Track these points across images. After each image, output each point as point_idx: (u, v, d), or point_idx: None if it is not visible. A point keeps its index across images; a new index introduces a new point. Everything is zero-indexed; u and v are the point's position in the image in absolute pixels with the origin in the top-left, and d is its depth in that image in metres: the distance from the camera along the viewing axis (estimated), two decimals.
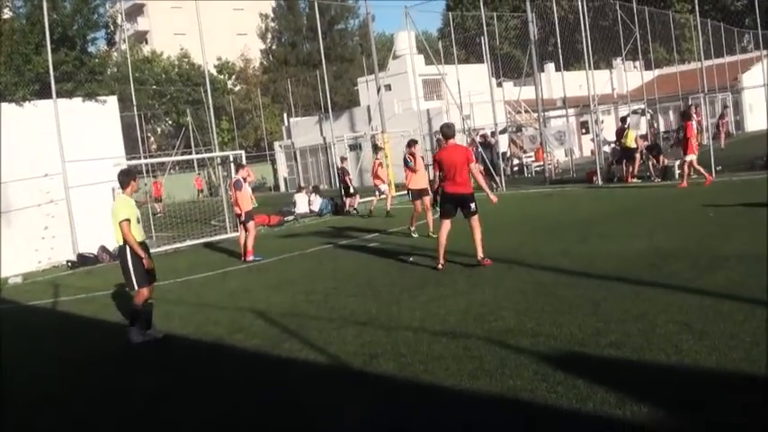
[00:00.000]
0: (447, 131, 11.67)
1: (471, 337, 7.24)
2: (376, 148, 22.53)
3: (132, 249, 8.87)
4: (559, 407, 5.23)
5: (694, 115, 25.65)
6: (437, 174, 11.57)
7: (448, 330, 7.61)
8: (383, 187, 22.33)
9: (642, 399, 5.10)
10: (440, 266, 11.35)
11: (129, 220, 8.87)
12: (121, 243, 8.93)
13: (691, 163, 19.33)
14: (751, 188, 16.53)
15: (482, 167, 28.86)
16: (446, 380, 6.10)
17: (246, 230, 15.48)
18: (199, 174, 44.90)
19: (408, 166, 16.33)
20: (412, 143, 16.96)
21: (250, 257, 15.26)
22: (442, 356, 6.74)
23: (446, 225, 11.44)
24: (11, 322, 12.30)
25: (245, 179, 15.83)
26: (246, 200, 15.55)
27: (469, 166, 11.40)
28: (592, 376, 5.67)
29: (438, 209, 12.33)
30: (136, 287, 8.96)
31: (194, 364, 7.94)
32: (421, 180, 16.26)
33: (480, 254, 11.13)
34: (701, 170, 19.31)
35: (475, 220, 11.24)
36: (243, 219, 15.55)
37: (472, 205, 11.30)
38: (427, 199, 15.90)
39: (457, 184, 11.28)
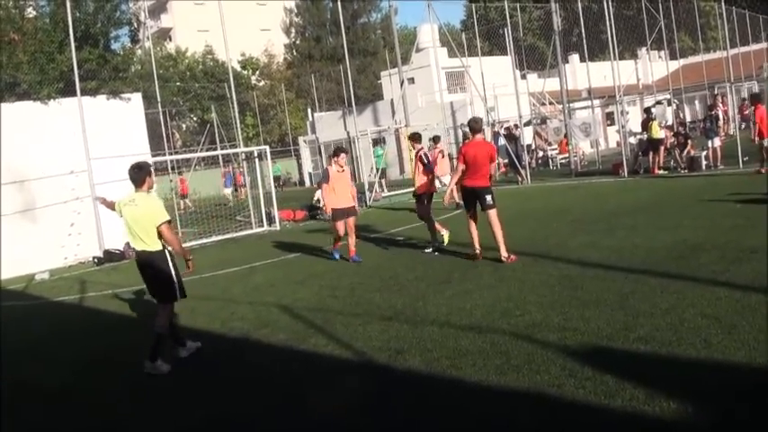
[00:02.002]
0: (475, 126, 11.59)
1: (498, 331, 7.21)
2: (436, 139, 22.14)
3: (174, 254, 7.89)
4: (588, 403, 5.19)
5: (720, 105, 25.41)
6: (461, 167, 11.51)
7: (474, 325, 7.58)
8: (446, 179, 21.67)
9: (672, 394, 5.05)
10: (478, 254, 11.43)
11: (170, 221, 7.83)
12: (158, 248, 7.74)
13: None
14: None
15: (506, 160, 28.95)
16: (473, 375, 6.07)
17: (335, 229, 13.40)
18: (239, 168, 44.91)
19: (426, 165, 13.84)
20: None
21: (353, 256, 13.20)
22: (468, 352, 6.71)
23: (472, 218, 11.56)
24: (38, 317, 12.42)
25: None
26: (331, 194, 13.25)
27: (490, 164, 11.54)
28: (620, 371, 5.61)
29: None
30: (179, 297, 7.92)
31: (220, 359, 7.96)
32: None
33: (504, 252, 11.03)
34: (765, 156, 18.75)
35: (492, 214, 11.19)
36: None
37: (488, 197, 11.31)
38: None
39: (475, 178, 11.34)
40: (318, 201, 23.63)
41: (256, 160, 24.06)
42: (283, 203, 26.06)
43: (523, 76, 36.72)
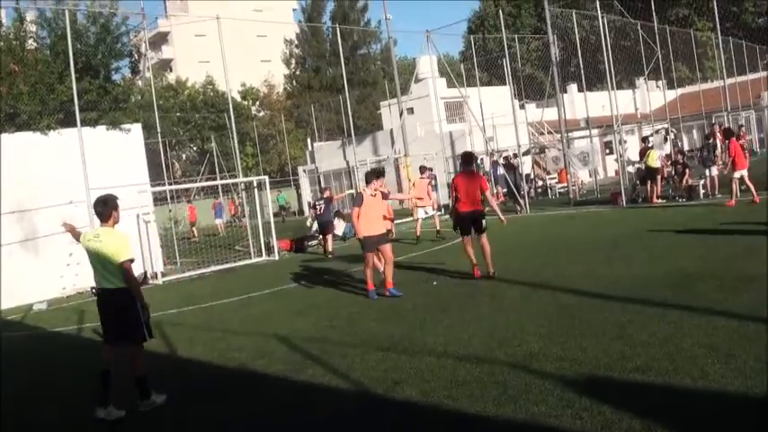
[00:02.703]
0: (464, 159, 13.01)
1: (495, 362, 7.19)
2: (423, 169, 22.37)
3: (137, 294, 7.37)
4: None
5: (718, 134, 25.52)
6: (455, 196, 12.60)
7: (472, 355, 7.56)
8: (430, 210, 21.72)
9: (668, 425, 5.04)
10: (476, 271, 12.29)
11: (134, 260, 7.49)
12: (123, 286, 7.34)
13: (741, 179, 19.07)
14: None
15: (505, 189, 29.03)
16: (470, 406, 6.04)
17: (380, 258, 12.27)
18: (232, 198, 44.85)
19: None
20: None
21: (391, 288, 11.98)
22: (465, 382, 6.69)
23: (468, 241, 12.39)
24: (35, 348, 12.37)
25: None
26: (362, 220, 12.04)
27: (484, 192, 12.46)
28: (617, 402, 5.59)
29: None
30: (148, 337, 7.49)
31: (217, 390, 7.91)
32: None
33: (491, 268, 12.21)
34: (752, 187, 18.93)
35: (485, 237, 12.35)
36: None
37: (483, 222, 12.41)
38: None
39: (468, 204, 12.31)
40: (311, 227, 23.55)
41: (255, 190, 24.12)
42: (282, 233, 26.08)
43: (522, 106, 36.91)
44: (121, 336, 7.38)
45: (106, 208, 7.51)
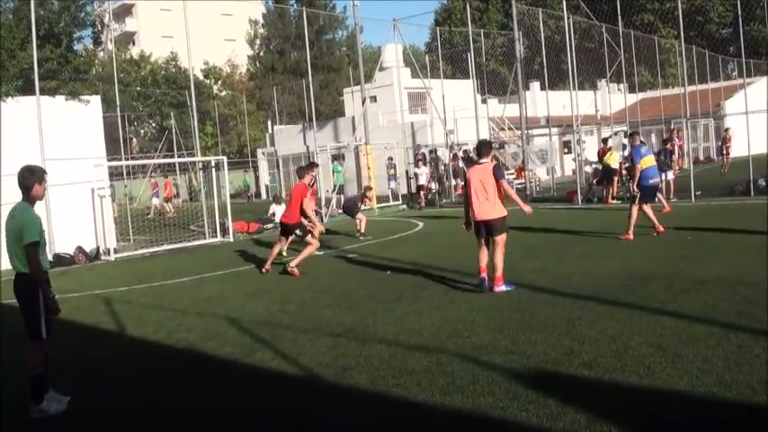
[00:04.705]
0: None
1: (445, 352, 7.22)
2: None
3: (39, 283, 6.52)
4: (530, 426, 5.20)
5: (676, 139, 25.92)
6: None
7: (422, 345, 7.58)
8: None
9: (613, 420, 5.09)
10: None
11: (38, 242, 6.52)
12: (26, 271, 6.50)
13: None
14: (729, 213, 16.65)
15: (464, 182, 29.15)
16: (418, 395, 6.06)
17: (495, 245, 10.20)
18: (168, 178, 43.61)
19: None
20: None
21: (501, 287, 10.10)
22: (414, 371, 6.70)
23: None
24: None
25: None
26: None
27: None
28: (563, 396, 5.65)
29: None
30: (44, 334, 6.56)
31: (163, 371, 7.83)
32: None
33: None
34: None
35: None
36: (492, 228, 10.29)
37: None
38: None
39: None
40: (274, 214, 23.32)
41: (213, 170, 23.91)
42: (241, 215, 25.90)
43: (484, 101, 37.09)
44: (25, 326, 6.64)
45: (32, 178, 6.62)
